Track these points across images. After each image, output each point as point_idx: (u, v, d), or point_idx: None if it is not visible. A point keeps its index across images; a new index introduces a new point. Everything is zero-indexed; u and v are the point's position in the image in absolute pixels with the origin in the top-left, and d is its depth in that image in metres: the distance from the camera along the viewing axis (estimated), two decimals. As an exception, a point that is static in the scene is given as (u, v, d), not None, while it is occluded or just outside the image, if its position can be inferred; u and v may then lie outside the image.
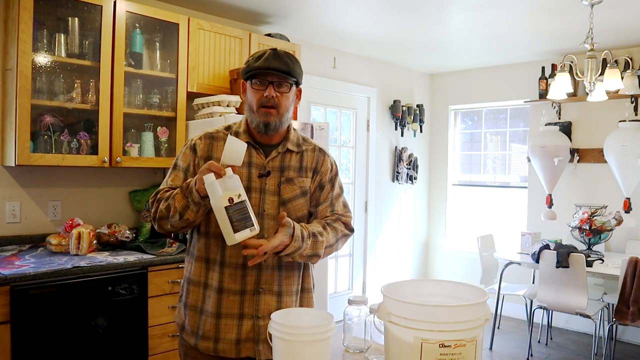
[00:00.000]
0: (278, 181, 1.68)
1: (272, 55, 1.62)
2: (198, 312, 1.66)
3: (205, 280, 1.66)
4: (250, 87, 1.65)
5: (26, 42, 2.58)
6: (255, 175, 1.66)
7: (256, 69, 1.61)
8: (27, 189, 2.92)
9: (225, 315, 1.63)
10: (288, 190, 1.68)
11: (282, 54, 1.64)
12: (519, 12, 3.58)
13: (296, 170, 1.72)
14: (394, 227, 5.48)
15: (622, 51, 4.41)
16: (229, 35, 3.39)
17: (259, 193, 1.65)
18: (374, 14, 3.67)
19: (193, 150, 1.69)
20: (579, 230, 3.99)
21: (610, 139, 4.29)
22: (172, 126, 3.19)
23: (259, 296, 1.64)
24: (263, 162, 1.67)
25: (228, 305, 1.63)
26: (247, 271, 1.63)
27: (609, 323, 3.85)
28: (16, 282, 2.22)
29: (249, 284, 1.63)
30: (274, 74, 1.61)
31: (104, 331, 2.49)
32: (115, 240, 2.92)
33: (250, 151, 1.66)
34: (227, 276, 1.63)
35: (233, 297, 1.63)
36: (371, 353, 1.51)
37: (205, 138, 1.71)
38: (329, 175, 1.78)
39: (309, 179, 1.74)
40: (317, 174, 1.76)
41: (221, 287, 1.63)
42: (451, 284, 1.33)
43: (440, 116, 5.84)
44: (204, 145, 1.69)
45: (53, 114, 2.75)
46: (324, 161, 1.78)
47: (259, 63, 1.61)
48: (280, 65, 1.60)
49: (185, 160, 1.69)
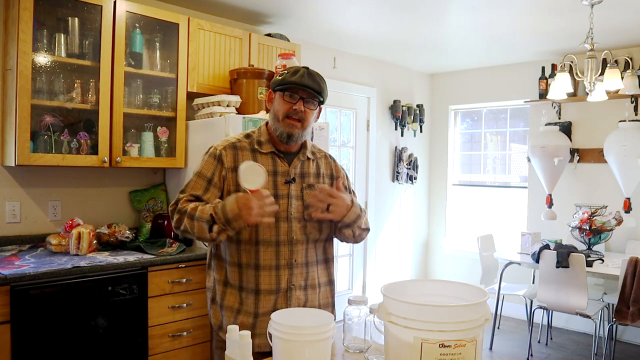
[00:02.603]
0: (301, 187, 1.81)
1: (307, 74, 1.75)
2: (235, 312, 1.76)
3: (240, 284, 1.76)
4: (281, 98, 1.76)
5: (26, 42, 2.58)
6: (281, 182, 1.78)
7: (291, 83, 1.73)
8: (27, 189, 2.92)
9: (263, 314, 1.74)
10: (310, 195, 1.79)
11: (315, 74, 1.78)
12: (519, 12, 3.58)
13: (315, 176, 1.86)
14: (394, 227, 5.48)
15: (622, 51, 4.41)
16: (229, 35, 3.39)
17: (286, 199, 1.77)
18: (374, 14, 3.67)
19: (219, 160, 1.76)
20: (579, 230, 3.99)
21: (610, 139, 4.29)
22: (172, 126, 3.19)
23: (291, 292, 1.77)
24: (287, 169, 1.80)
25: (264, 304, 1.74)
26: (280, 272, 1.76)
27: (609, 323, 3.85)
28: (16, 282, 2.22)
29: (283, 283, 1.76)
30: (307, 90, 1.74)
31: (104, 331, 2.49)
32: (115, 240, 2.92)
33: (274, 160, 1.79)
34: (263, 278, 1.74)
35: (269, 297, 1.75)
36: (371, 353, 1.51)
37: (230, 148, 1.77)
38: (347, 181, 1.98)
39: (327, 185, 1.88)
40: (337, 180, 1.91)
41: (258, 288, 1.74)
42: (451, 284, 1.33)
43: (440, 116, 5.84)
44: (230, 156, 1.76)
45: (53, 114, 2.75)
46: (337, 167, 1.96)
47: (295, 78, 1.73)
48: (313, 84, 1.74)
49: (209, 170, 1.75)
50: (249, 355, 1.25)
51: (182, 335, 2.78)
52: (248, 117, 2.97)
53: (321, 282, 1.87)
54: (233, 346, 1.27)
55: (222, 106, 3.10)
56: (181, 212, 1.70)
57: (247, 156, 1.76)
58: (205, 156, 1.80)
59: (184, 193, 1.76)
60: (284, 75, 1.76)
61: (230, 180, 1.74)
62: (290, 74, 1.75)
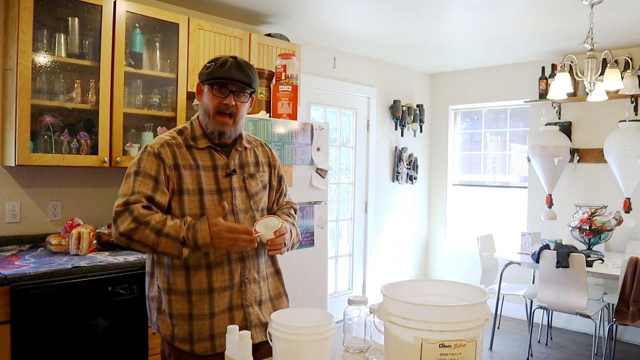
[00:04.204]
0: (242, 177, 1.79)
1: (235, 65, 1.69)
2: (187, 318, 1.68)
3: (189, 287, 1.68)
4: (210, 92, 1.72)
5: (26, 42, 2.58)
6: (222, 176, 1.75)
7: (219, 77, 1.68)
8: (27, 189, 2.92)
9: (218, 313, 1.69)
10: (253, 184, 1.81)
11: (244, 64, 1.72)
12: (519, 12, 3.58)
13: (254, 165, 1.84)
14: (394, 227, 5.48)
15: (622, 51, 4.41)
16: (229, 35, 3.39)
17: (229, 191, 1.74)
18: (374, 14, 3.67)
19: (159, 158, 1.67)
20: (579, 230, 3.99)
21: (610, 139, 4.29)
22: (172, 126, 3.17)
23: (245, 286, 1.74)
24: (226, 162, 1.77)
25: (220, 302, 1.69)
26: (233, 266, 1.71)
27: (609, 323, 3.85)
28: (16, 282, 2.22)
29: (236, 277, 1.72)
30: (236, 84, 1.69)
31: (104, 331, 2.49)
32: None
33: (212, 154, 1.75)
34: (216, 276, 1.69)
35: (223, 294, 1.70)
36: (371, 353, 1.51)
37: (166, 146, 1.70)
38: (282, 169, 1.96)
39: (267, 173, 1.88)
40: (275, 169, 1.92)
41: (211, 287, 1.69)
42: (451, 284, 1.33)
43: (440, 116, 5.84)
44: (169, 154, 1.69)
45: (53, 114, 2.75)
46: (273, 155, 1.94)
47: (223, 72, 1.68)
48: (242, 76, 1.69)
49: (152, 168, 1.66)
50: (249, 355, 1.25)
51: (182, 335, 2.78)
52: (248, 116, 2.97)
53: (268, 273, 1.85)
54: (233, 346, 1.27)
55: (222, 106, 3.10)
56: (140, 221, 1.57)
57: (184, 153, 1.71)
58: (142, 155, 1.69)
59: (132, 194, 1.61)
60: (211, 68, 1.69)
61: (174, 179, 1.67)
62: (218, 67, 1.68)
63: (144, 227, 1.57)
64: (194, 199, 1.69)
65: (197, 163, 1.72)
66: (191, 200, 1.68)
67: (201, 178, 1.71)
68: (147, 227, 1.57)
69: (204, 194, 1.70)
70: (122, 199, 1.62)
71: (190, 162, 1.71)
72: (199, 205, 1.69)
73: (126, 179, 1.68)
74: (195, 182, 1.70)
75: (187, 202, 1.68)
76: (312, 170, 3.25)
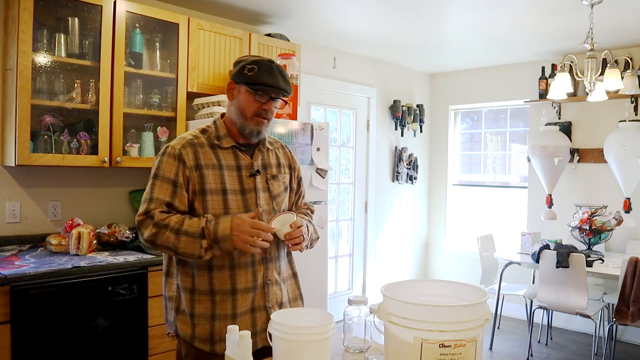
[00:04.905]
0: (265, 178, 1.79)
1: (278, 72, 1.70)
2: (209, 318, 1.67)
3: (212, 288, 1.68)
4: (250, 96, 1.70)
5: (26, 42, 2.58)
6: (246, 176, 1.74)
7: (265, 85, 1.67)
8: (27, 189, 2.92)
9: (241, 314, 1.69)
10: (275, 185, 1.81)
11: (283, 70, 1.73)
12: (519, 12, 3.58)
13: (276, 166, 1.85)
14: (394, 227, 5.48)
15: (622, 51, 4.41)
16: (229, 35, 3.39)
17: (254, 192, 1.74)
18: (374, 14, 3.67)
19: (179, 160, 1.66)
20: (579, 230, 3.99)
21: (610, 139, 4.29)
22: (172, 126, 3.19)
23: (268, 288, 1.74)
24: (250, 162, 1.77)
25: (243, 303, 1.69)
26: (256, 267, 1.72)
27: (609, 323, 3.85)
28: (16, 282, 2.22)
29: (259, 279, 1.72)
30: (279, 91, 1.71)
31: (104, 331, 2.49)
32: (115, 240, 2.92)
33: (236, 154, 1.75)
34: (239, 277, 1.69)
35: (246, 295, 1.69)
36: (371, 353, 1.51)
37: (188, 146, 1.69)
38: (301, 172, 1.97)
39: (288, 174, 1.89)
40: (294, 171, 1.93)
41: (235, 288, 1.68)
42: (451, 284, 1.33)
43: (440, 116, 5.84)
44: (191, 154, 1.68)
45: (53, 114, 2.75)
46: (293, 158, 1.95)
47: (271, 80, 1.67)
48: (286, 85, 1.71)
49: (171, 171, 1.66)
50: (249, 355, 1.25)
51: (182, 335, 2.78)
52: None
53: (287, 276, 1.85)
54: (233, 346, 1.27)
55: (222, 106, 3.10)
56: (160, 225, 1.60)
57: (207, 152, 1.70)
58: (162, 157, 1.69)
59: (151, 202, 1.63)
60: (254, 72, 1.68)
61: (195, 180, 1.66)
62: (265, 73, 1.68)
63: (165, 230, 1.60)
64: (218, 199, 1.68)
65: (221, 162, 1.71)
66: (214, 200, 1.67)
67: (224, 178, 1.69)
68: (167, 229, 1.59)
69: (228, 193, 1.69)
70: (142, 207, 1.65)
71: (213, 162, 1.70)
72: (222, 205, 1.67)
73: (149, 181, 1.70)
74: (219, 181, 1.68)
75: (210, 202, 1.67)
76: (312, 170, 3.25)
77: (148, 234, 1.61)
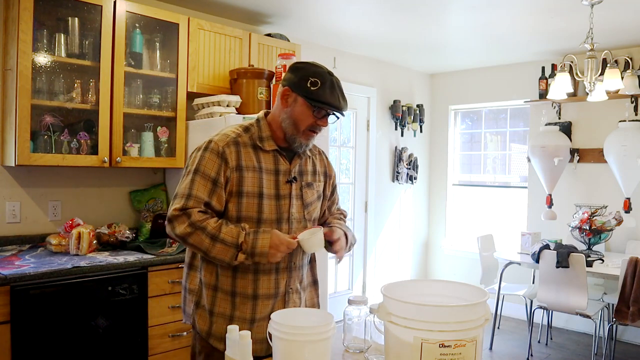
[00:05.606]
0: (300, 185, 1.75)
1: (339, 89, 1.67)
2: (227, 318, 1.67)
3: (234, 289, 1.67)
4: (307, 110, 1.66)
5: (26, 42, 2.58)
6: (283, 182, 1.71)
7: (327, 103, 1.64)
8: (27, 189, 2.92)
9: (259, 319, 1.68)
10: (309, 194, 1.78)
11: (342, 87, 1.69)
12: (519, 12, 3.58)
13: (312, 174, 1.81)
14: (394, 227, 5.48)
15: (622, 51, 4.41)
16: (229, 35, 3.39)
17: (288, 199, 1.71)
18: (374, 14, 3.67)
19: (222, 158, 1.62)
20: (579, 230, 3.99)
21: (610, 139, 4.29)
22: (172, 126, 3.19)
23: (289, 296, 1.73)
24: (288, 168, 1.73)
25: (262, 309, 1.68)
26: (280, 275, 1.70)
27: (609, 323, 3.85)
28: (16, 282, 2.22)
29: (281, 287, 1.71)
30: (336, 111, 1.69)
31: (104, 331, 2.49)
32: (115, 240, 2.92)
33: (277, 158, 1.71)
34: (262, 282, 1.68)
35: (267, 302, 1.69)
36: (371, 353, 1.51)
37: (232, 145, 1.65)
38: (336, 178, 1.95)
39: (322, 182, 1.86)
40: (330, 178, 1.90)
41: (256, 293, 1.68)
42: (451, 284, 1.33)
43: (440, 116, 5.84)
44: (234, 154, 1.64)
45: (53, 114, 2.75)
46: (329, 165, 1.92)
47: (333, 100, 1.65)
48: (345, 105, 1.69)
49: (213, 169, 1.62)
50: (249, 355, 1.25)
51: (182, 335, 2.78)
52: (248, 117, 2.97)
53: (307, 283, 1.85)
54: (233, 346, 1.27)
55: (222, 106, 3.10)
56: (197, 226, 1.57)
57: (249, 153, 1.66)
58: (204, 152, 1.64)
59: (189, 198, 1.59)
60: (317, 88, 1.63)
61: (233, 181, 1.62)
62: (327, 91, 1.63)
63: (200, 232, 1.57)
64: (253, 202, 1.65)
65: (261, 165, 1.67)
66: (249, 202, 1.64)
67: (262, 181, 1.66)
68: (203, 233, 1.57)
69: (264, 197, 1.66)
70: (180, 201, 1.60)
71: (254, 164, 1.66)
72: (256, 209, 1.65)
73: (186, 174, 1.64)
74: (257, 184, 1.65)
75: (245, 205, 1.64)
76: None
77: (181, 230, 1.58)
